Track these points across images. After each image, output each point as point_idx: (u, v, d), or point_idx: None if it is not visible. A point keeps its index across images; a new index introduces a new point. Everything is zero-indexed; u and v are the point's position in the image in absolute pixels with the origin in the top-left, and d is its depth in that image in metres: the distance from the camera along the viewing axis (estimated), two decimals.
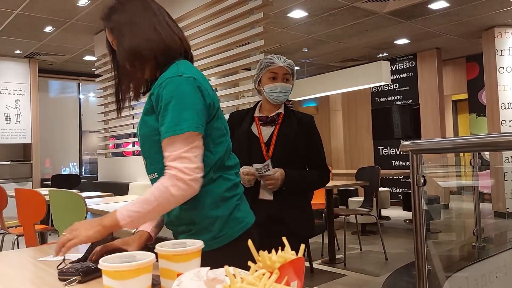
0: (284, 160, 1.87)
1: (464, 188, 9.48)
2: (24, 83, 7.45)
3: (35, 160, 7.43)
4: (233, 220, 1.23)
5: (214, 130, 1.22)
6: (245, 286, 0.60)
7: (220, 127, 1.24)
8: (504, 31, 6.68)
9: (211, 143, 1.21)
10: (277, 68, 1.96)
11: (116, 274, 0.73)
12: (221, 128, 1.25)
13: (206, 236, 1.19)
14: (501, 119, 6.68)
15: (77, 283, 0.99)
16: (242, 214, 1.26)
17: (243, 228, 1.24)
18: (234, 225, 1.23)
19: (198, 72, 1.23)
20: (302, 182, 1.94)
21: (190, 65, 1.26)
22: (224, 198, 1.23)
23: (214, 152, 1.22)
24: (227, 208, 1.23)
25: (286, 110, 2.01)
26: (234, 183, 1.26)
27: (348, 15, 5.77)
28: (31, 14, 5.37)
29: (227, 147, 1.27)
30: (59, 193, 2.89)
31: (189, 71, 1.19)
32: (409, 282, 2.43)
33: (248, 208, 1.31)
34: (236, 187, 1.28)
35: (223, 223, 1.22)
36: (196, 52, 4.33)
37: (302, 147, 1.94)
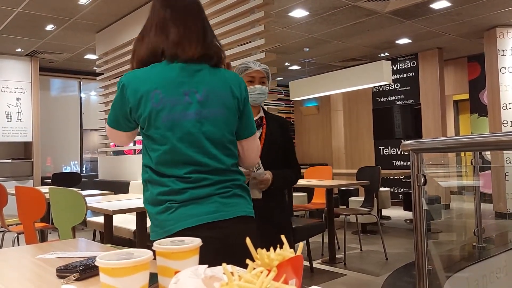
0: (270, 161, 2.00)
1: (465, 188, 9.47)
2: (25, 81, 7.46)
3: (36, 158, 7.44)
4: (159, 221, 1.33)
5: (148, 138, 1.35)
6: (243, 284, 0.60)
7: (153, 137, 1.33)
8: (506, 31, 6.67)
9: (148, 147, 1.36)
10: (254, 72, 2.08)
11: (113, 271, 0.73)
12: (155, 139, 1.32)
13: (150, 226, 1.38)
14: (503, 119, 6.67)
15: (75, 280, 0.99)
16: (168, 219, 1.31)
17: (166, 233, 1.30)
18: (159, 227, 1.33)
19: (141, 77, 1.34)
20: (285, 182, 2.13)
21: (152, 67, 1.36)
22: (156, 200, 1.33)
23: (151, 156, 1.35)
24: (156, 209, 1.33)
25: (266, 113, 2.15)
26: (171, 189, 1.31)
27: (349, 14, 5.77)
28: (33, 12, 5.37)
29: (162, 157, 1.33)
30: (59, 191, 2.89)
31: (130, 73, 1.36)
32: (409, 282, 2.43)
33: (184, 216, 1.30)
34: (174, 193, 1.31)
35: (153, 220, 1.35)
36: None
37: (282, 149, 2.11)
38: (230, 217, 1.34)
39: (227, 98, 1.37)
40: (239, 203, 1.38)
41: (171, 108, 1.30)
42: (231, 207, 1.35)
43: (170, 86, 1.32)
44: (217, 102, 1.35)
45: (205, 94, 1.34)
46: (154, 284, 0.87)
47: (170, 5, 1.41)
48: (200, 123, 1.32)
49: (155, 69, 1.35)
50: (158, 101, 1.30)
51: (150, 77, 1.33)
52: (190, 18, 1.42)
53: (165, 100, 1.30)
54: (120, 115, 1.38)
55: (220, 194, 1.34)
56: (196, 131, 1.32)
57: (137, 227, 2.99)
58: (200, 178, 1.32)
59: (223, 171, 1.36)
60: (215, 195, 1.33)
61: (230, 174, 1.37)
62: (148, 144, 1.36)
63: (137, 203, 3.06)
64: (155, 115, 1.30)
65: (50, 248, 1.34)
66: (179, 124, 1.31)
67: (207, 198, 1.32)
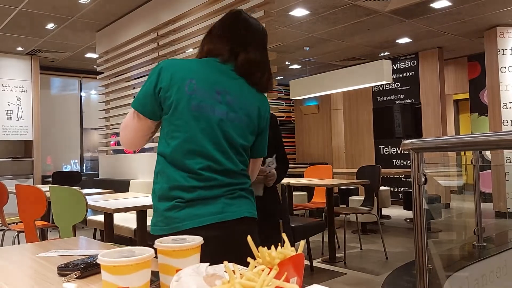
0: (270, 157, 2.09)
1: (465, 188, 9.47)
2: (26, 80, 7.46)
3: (36, 157, 7.44)
4: (164, 217, 1.33)
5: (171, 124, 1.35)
6: (244, 282, 0.60)
7: (177, 123, 1.34)
8: (506, 31, 6.67)
9: (168, 134, 1.36)
10: None
11: (115, 269, 0.73)
12: (178, 125, 1.34)
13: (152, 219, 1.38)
14: (503, 118, 6.67)
15: (76, 278, 0.99)
16: (175, 216, 1.32)
17: (171, 230, 1.31)
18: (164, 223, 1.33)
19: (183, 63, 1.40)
20: (281, 177, 2.21)
21: (192, 60, 1.44)
22: (165, 195, 1.34)
23: (169, 143, 1.36)
24: (164, 204, 1.34)
25: None
26: (181, 185, 1.32)
27: (350, 13, 5.76)
28: (33, 11, 5.37)
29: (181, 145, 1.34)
30: (60, 190, 2.89)
31: (170, 60, 1.41)
32: (409, 281, 2.43)
33: (190, 215, 1.32)
34: (184, 190, 1.32)
35: (157, 215, 1.36)
36: (197, 50, 4.32)
37: (273, 145, 2.16)
38: (235, 217, 1.36)
39: (253, 113, 1.44)
40: (244, 204, 1.40)
41: (201, 99, 1.35)
42: (237, 208, 1.37)
43: (206, 80, 1.38)
44: (243, 111, 1.42)
45: (235, 99, 1.40)
46: (155, 282, 0.87)
47: (247, 25, 1.52)
48: (224, 122, 1.37)
49: (197, 62, 1.43)
50: (192, 89, 1.35)
51: (189, 66, 1.39)
52: (262, 46, 1.54)
53: (198, 90, 1.35)
54: (150, 95, 1.36)
55: (226, 195, 1.36)
56: (219, 129, 1.36)
57: (137, 226, 2.99)
58: (211, 178, 1.34)
59: (234, 173, 1.39)
60: (222, 196, 1.36)
61: (240, 177, 1.41)
62: (169, 131, 1.36)
63: (138, 202, 3.07)
64: (186, 102, 1.34)
65: (51, 247, 1.34)
66: (205, 116, 1.35)
67: (215, 198, 1.34)
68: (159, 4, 4.98)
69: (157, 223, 1.36)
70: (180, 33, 4.68)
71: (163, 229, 1.32)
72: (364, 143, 9.03)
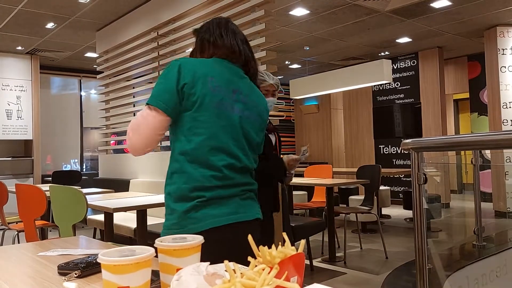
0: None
1: (465, 187, 9.47)
2: (26, 79, 7.46)
3: (36, 156, 7.44)
4: (181, 219, 1.33)
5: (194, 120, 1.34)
6: (245, 281, 0.60)
7: (200, 120, 1.34)
8: (506, 30, 6.67)
9: (191, 131, 1.34)
10: (269, 85, 2.23)
11: (115, 268, 0.73)
12: (202, 121, 1.34)
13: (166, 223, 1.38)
14: (503, 118, 6.67)
15: (76, 277, 0.99)
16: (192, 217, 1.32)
17: (185, 232, 1.29)
18: (180, 225, 1.33)
19: (200, 63, 1.40)
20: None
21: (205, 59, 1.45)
22: (184, 195, 1.33)
23: (192, 140, 1.34)
24: (182, 205, 1.33)
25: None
26: (202, 185, 1.33)
27: (349, 13, 5.76)
28: (33, 10, 5.37)
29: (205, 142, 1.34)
30: (60, 189, 2.89)
31: (185, 59, 1.40)
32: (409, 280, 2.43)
33: (206, 216, 1.33)
34: (204, 189, 1.33)
35: (173, 217, 1.35)
36: None
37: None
38: (248, 219, 1.39)
39: (262, 111, 1.51)
40: (253, 206, 1.44)
41: (222, 97, 1.38)
42: (248, 209, 1.40)
43: (223, 79, 1.41)
44: (256, 109, 1.48)
45: (247, 98, 1.44)
46: (156, 281, 0.88)
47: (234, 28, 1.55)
48: (242, 120, 1.41)
49: (212, 60, 1.44)
50: (214, 87, 1.37)
51: (206, 64, 1.41)
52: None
53: (218, 88, 1.37)
54: (172, 91, 1.33)
55: (240, 195, 1.39)
56: (239, 126, 1.40)
57: (137, 225, 2.99)
58: (230, 176, 1.37)
59: (248, 171, 1.43)
60: (237, 196, 1.38)
61: (250, 177, 1.44)
62: (191, 128, 1.34)
63: (138, 201, 3.07)
64: (209, 98, 1.35)
65: (51, 246, 1.34)
66: (226, 114, 1.38)
67: (229, 198, 1.36)
68: (159, 3, 4.98)
69: (171, 226, 1.34)
70: (180, 33, 4.68)
71: (178, 232, 1.30)
72: (364, 143, 9.03)
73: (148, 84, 5.32)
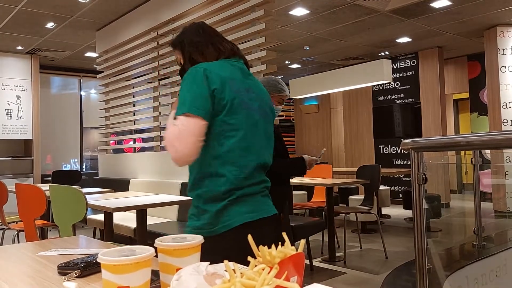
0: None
1: (464, 187, 9.47)
2: (26, 79, 7.45)
3: (36, 156, 7.44)
4: (212, 220, 1.35)
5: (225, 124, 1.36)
6: (245, 281, 0.60)
7: (231, 123, 1.36)
8: (506, 30, 6.67)
9: (222, 134, 1.36)
10: (285, 96, 2.43)
11: (115, 268, 0.73)
12: (233, 124, 1.37)
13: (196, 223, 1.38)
14: (503, 118, 6.67)
15: (76, 277, 0.99)
16: (223, 215, 1.35)
17: (213, 232, 1.33)
18: (212, 224, 1.34)
19: (218, 67, 1.40)
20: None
21: (219, 61, 1.45)
22: (216, 196, 1.35)
23: (225, 143, 1.36)
24: (214, 206, 1.35)
25: None
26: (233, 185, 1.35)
27: (349, 13, 5.76)
28: (33, 10, 5.37)
29: (238, 143, 1.37)
30: (60, 189, 2.89)
31: (206, 65, 1.38)
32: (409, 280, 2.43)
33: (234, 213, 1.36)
34: (235, 189, 1.36)
35: (202, 218, 1.36)
36: None
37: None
38: (268, 215, 1.43)
39: (271, 107, 1.56)
40: (270, 202, 1.48)
41: (243, 97, 1.41)
42: (267, 206, 1.44)
43: (239, 79, 1.44)
44: (267, 106, 1.52)
45: (258, 96, 1.48)
46: (156, 281, 0.88)
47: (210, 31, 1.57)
48: (261, 118, 1.45)
49: (223, 63, 1.45)
50: (236, 89, 1.39)
51: (224, 68, 1.42)
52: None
53: (239, 90, 1.40)
54: (206, 97, 1.33)
55: (261, 192, 1.43)
56: (260, 125, 1.44)
57: (137, 225, 2.99)
58: (256, 175, 1.41)
59: (266, 169, 1.48)
60: (258, 193, 1.42)
61: (265, 175, 1.48)
62: (222, 131, 1.36)
63: (137, 201, 3.07)
64: (237, 101, 1.38)
65: (51, 246, 1.34)
66: (251, 114, 1.41)
67: (253, 196, 1.40)
68: (159, 3, 4.98)
69: (203, 226, 1.35)
70: None
71: (210, 231, 1.33)
72: (364, 143, 9.03)
73: (148, 83, 5.31)
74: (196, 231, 1.35)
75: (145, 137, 5.52)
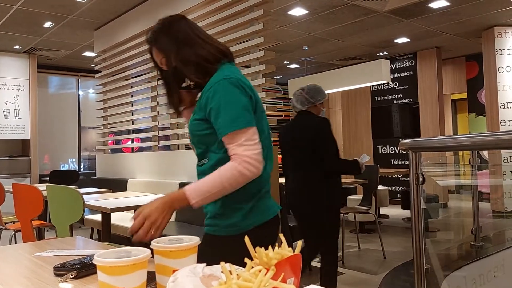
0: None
1: (463, 187, 9.48)
2: (23, 78, 7.44)
3: (33, 155, 7.43)
4: (252, 213, 1.35)
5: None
6: (241, 283, 0.60)
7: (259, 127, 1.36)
8: (504, 31, 6.68)
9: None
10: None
11: (111, 269, 0.72)
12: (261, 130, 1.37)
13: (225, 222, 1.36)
14: (501, 118, 6.68)
15: (72, 278, 0.99)
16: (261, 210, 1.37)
17: (257, 222, 1.35)
18: (251, 218, 1.35)
19: (240, 74, 1.38)
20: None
21: (233, 68, 1.40)
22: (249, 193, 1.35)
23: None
24: (250, 202, 1.35)
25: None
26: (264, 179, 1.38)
27: (348, 13, 5.76)
28: (31, 9, 5.35)
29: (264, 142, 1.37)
30: (57, 189, 2.88)
31: (232, 74, 1.33)
32: (407, 280, 2.43)
33: (270, 204, 1.42)
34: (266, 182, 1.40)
35: (244, 214, 1.34)
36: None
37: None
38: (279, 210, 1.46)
39: None
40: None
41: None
42: (274, 202, 1.47)
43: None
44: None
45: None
46: (152, 283, 0.87)
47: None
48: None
49: (235, 68, 1.43)
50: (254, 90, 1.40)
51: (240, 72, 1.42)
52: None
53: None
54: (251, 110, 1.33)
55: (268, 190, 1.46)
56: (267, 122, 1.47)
57: None
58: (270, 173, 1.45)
59: None
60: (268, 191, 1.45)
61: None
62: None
63: (135, 201, 3.06)
64: (259, 105, 1.39)
65: (47, 246, 1.34)
66: (265, 115, 1.44)
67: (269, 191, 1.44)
68: (157, 2, 4.97)
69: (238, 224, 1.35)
70: None
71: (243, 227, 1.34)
72: (363, 143, 9.03)
73: (146, 83, 5.31)
74: (232, 229, 1.34)
75: (143, 137, 5.51)
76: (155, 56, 1.45)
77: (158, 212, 1.19)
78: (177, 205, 1.24)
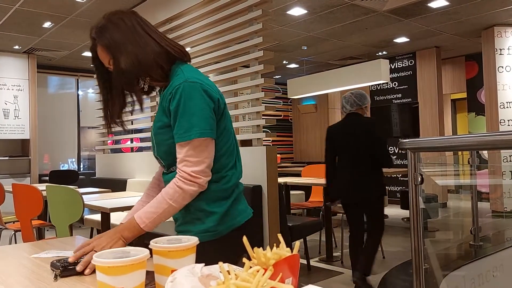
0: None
1: (462, 187, 9.49)
2: (23, 78, 7.44)
3: (33, 155, 7.42)
4: (227, 217, 1.30)
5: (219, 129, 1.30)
6: (239, 283, 0.60)
7: (222, 126, 1.31)
8: (504, 30, 6.68)
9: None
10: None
11: (110, 269, 0.73)
12: (224, 128, 1.32)
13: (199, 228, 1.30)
14: (500, 118, 6.68)
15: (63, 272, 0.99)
16: (236, 213, 1.33)
17: (233, 226, 1.31)
18: (227, 222, 1.30)
19: (202, 76, 1.30)
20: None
21: (194, 69, 1.32)
22: (222, 196, 1.30)
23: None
24: (224, 205, 1.30)
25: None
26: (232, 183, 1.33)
27: (347, 13, 5.76)
28: (30, 9, 5.35)
29: (228, 146, 1.33)
30: (57, 189, 2.89)
31: (194, 77, 1.25)
32: (406, 280, 2.43)
33: (244, 206, 1.37)
34: (237, 185, 1.36)
35: (218, 219, 1.29)
36: (195, 49, 4.32)
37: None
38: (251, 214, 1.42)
39: None
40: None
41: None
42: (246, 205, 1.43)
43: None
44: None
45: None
46: (151, 283, 0.87)
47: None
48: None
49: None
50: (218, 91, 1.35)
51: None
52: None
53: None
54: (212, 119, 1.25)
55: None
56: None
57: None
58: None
59: None
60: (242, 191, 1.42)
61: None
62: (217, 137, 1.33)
63: (135, 201, 3.06)
64: (223, 104, 1.33)
65: (47, 246, 1.34)
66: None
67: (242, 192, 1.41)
68: (155, 3, 4.97)
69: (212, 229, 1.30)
70: (177, 32, 4.67)
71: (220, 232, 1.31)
72: None
73: None
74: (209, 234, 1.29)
75: (143, 136, 5.51)
76: (100, 54, 1.32)
77: (107, 240, 1.14)
78: (127, 233, 1.18)
